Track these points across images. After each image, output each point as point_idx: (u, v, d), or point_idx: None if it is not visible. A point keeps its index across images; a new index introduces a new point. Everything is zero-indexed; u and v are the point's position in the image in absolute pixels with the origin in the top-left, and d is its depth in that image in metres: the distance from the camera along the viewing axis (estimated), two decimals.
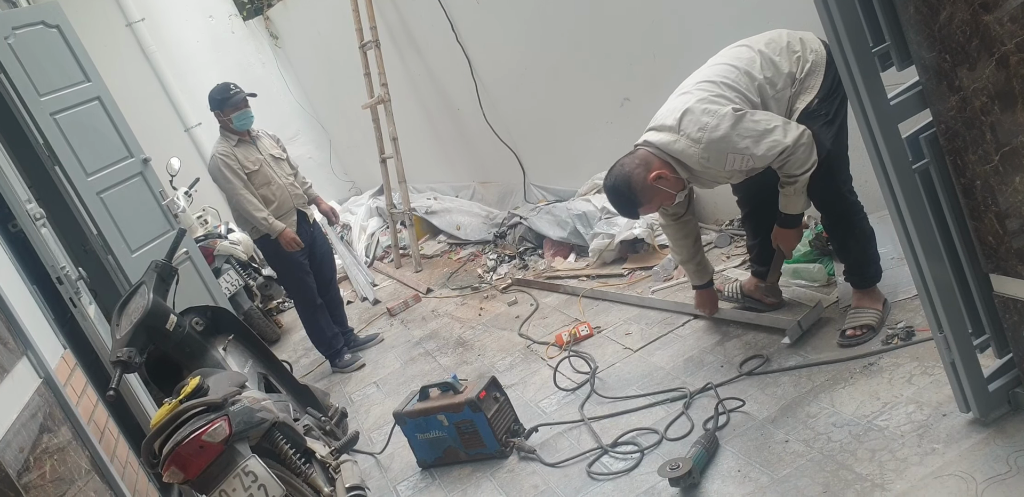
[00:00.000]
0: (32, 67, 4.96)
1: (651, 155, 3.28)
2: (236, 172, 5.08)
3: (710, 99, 3.17)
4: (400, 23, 7.08)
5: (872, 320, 3.37)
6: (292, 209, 5.27)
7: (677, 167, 3.29)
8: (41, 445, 2.77)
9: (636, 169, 3.27)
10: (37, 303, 3.66)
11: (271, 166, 5.22)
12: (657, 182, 3.25)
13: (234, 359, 3.75)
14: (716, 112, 3.13)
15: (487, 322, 5.30)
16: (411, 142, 7.52)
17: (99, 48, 6.73)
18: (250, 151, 5.17)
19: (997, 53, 2.00)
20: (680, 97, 3.29)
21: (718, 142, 3.13)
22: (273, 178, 5.20)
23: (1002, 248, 2.31)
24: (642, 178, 3.26)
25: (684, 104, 3.20)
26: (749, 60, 3.25)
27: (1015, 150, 2.10)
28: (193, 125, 8.93)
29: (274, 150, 5.33)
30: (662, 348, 3.99)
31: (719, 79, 3.23)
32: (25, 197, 4.32)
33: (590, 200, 5.66)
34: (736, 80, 3.21)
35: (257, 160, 5.16)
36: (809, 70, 3.22)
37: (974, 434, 2.59)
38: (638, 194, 3.29)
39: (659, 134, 3.27)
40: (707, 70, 3.33)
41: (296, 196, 5.30)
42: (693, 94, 3.23)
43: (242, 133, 5.18)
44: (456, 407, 3.58)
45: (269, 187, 5.18)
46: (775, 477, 2.79)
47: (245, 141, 5.20)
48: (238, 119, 5.10)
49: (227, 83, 5.18)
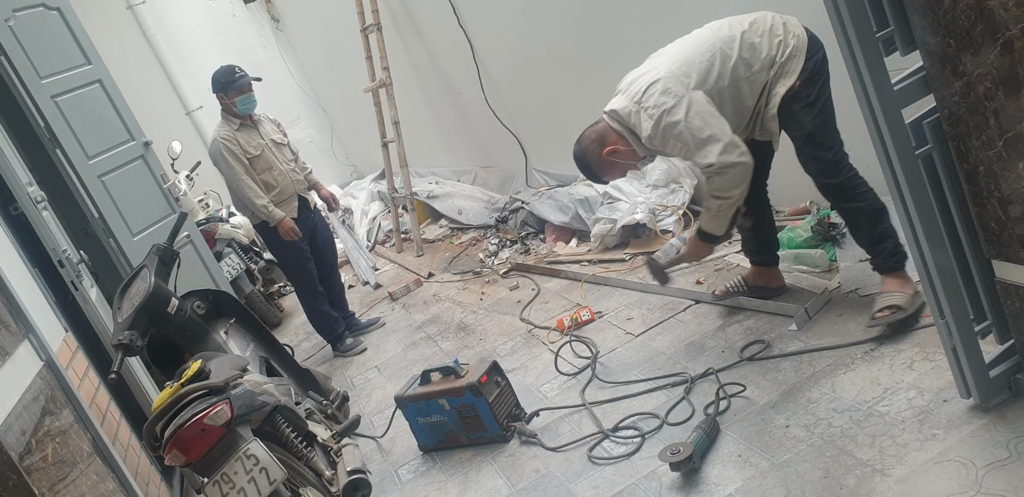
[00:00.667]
0: (33, 50, 4.93)
1: (608, 128, 3.46)
2: (238, 157, 5.02)
3: (677, 77, 3.23)
4: (402, 6, 7.04)
5: (900, 300, 3.23)
6: (293, 195, 5.23)
7: (631, 139, 3.41)
8: (43, 428, 2.78)
9: (592, 145, 3.51)
10: (39, 286, 3.66)
11: (272, 151, 5.16)
12: (612, 156, 3.45)
13: (236, 343, 3.76)
14: (676, 94, 3.20)
15: (488, 306, 5.30)
16: (413, 126, 7.50)
17: (100, 31, 6.69)
18: (252, 135, 5.11)
19: (1002, 38, 1.99)
20: (652, 65, 3.36)
21: (668, 126, 3.23)
22: (275, 163, 5.15)
23: (1004, 234, 2.31)
24: (597, 153, 3.50)
25: (652, 76, 3.28)
26: (729, 38, 3.27)
27: (1018, 136, 2.09)
28: (194, 108, 8.89)
29: (275, 135, 5.27)
30: (663, 333, 4.00)
31: (693, 55, 3.27)
32: (26, 180, 4.31)
33: (591, 185, 5.64)
34: (710, 59, 3.25)
35: (259, 145, 5.10)
36: (790, 54, 3.23)
37: (975, 420, 2.60)
38: (595, 167, 3.58)
39: (622, 101, 3.39)
40: (684, 43, 3.38)
41: (297, 182, 5.26)
42: (663, 67, 3.28)
43: (244, 117, 5.12)
44: (457, 391, 3.59)
45: (271, 172, 5.13)
46: (776, 462, 2.80)
47: (247, 125, 5.14)
48: (242, 103, 5.04)
49: (232, 66, 5.11)
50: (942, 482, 2.42)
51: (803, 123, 3.24)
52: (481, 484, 3.42)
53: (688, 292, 4.24)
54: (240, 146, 5.04)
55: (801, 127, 3.25)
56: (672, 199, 5.18)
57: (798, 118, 3.24)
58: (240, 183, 5.05)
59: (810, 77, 3.22)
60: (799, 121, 3.24)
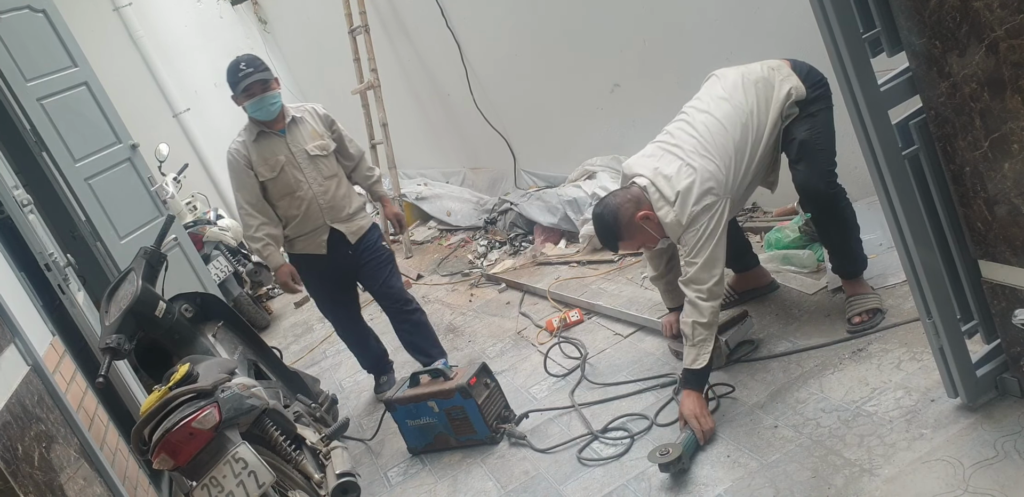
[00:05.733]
0: (18, 52, 4.91)
1: (644, 196, 3.23)
2: (241, 178, 4.02)
3: (706, 183, 3.12)
4: (390, 8, 7.03)
5: (876, 303, 3.37)
6: (323, 226, 4.12)
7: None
8: (30, 433, 2.77)
9: (626, 204, 3.23)
10: (25, 290, 3.64)
11: (300, 169, 4.03)
12: (643, 222, 3.21)
13: (224, 346, 3.75)
14: (709, 206, 3.11)
15: (477, 308, 5.30)
16: (401, 128, 7.49)
17: (86, 33, 6.66)
18: (274, 149, 4.01)
19: (987, 39, 2.00)
20: (682, 164, 3.19)
21: (693, 234, 3.13)
22: (299, 185, 4.03)
23: (991, 234, 2.32)
24: (630, 214, 3.21)
25: (687, 176, 3.14)
26: (744, 127, 3.23)
27: (1004, 137, 2.10)
28: (181, 111, 8.86)
29: (315, 143, 4.08)
30: (652, 334, 4.00)
31: (717, 150, 3.19)
32: (12, 183, 4.28)
33: (580, 186, 5.64)
34: (729, 151, 3.19)
35: (277, 163, 4.00)
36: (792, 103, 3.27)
37: (962, 419, 2.61)
38: (622, 228, 3.25)
39: (657, 195, 3.20)
40: (708, 128, 3.26)
41: (332, 209, 4.11)
42: (695, 165, 3.15)
43: (268, 122, 4.05)
44: (446, 393, 3.59)
45: (292, 198, 4.05)
46: (764, 462, 2.81)
47: (270, 134, 4.03)
48: (252, 108, 3.98)
49: (236, 61, 3.99)
50: (930, 481, 2.43)
51: (796, 132, 3.26)
52: (470, 486, 3.42)
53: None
54: (250, 163, 4.00)
55: (799, 138, 3.25)
56: None
57: (792, 129, 3.28)
58: (239, 210, 4.12)
59: (810, 101, 3.27)
60: (792, 131, 3.27)
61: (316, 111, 4.21)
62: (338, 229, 4.13)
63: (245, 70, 3.92)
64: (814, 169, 3.26)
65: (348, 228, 4.16)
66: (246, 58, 3.99)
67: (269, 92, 3.97)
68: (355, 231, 4.18)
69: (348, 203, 4.17)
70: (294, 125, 4.07)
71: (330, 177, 4.11)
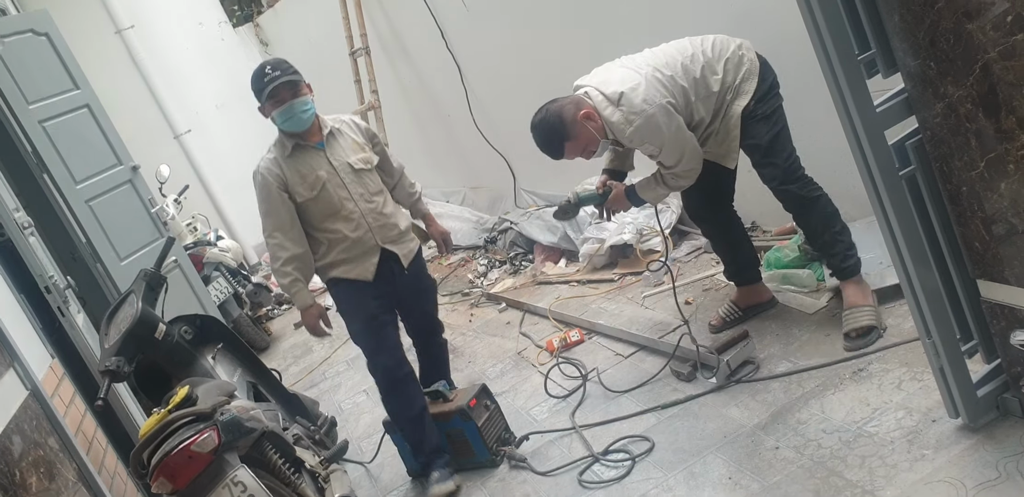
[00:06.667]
0: (21, 75, 4.95)
1: (584, 99, 3.39)
2: (273, 202, 3.47)
3: (656, 86, 3.29)
4: (390, 30, 7.07)
5: (870, 320, 3.38)
6: (374, 248, 3.56)
7: (602, 121, 3.40)
8: (28, 458, 2.76)
9: (567, 105, 3.38)
10: (25, 312, 3.64)
11: (345, 185, 3.51)
12: (585, 121, 3.35)
13: (223, 368, 3.74)
14: (656, 103, 3.25)
15: (477, 328, 5.29)
16: (401, 148, 7.50)
17: (88, 55, 6.70)
18: (312, 164, 3.49)
19: (981, 61, 2.01)
20: (628, 71, 3.38)
21: (646, 129, 3.27)
22: (344, 204, 3.50)
23: (989, 254, 2.32)
24: (572, 113, 3.35)
25: (632, 80, 3.30)
26: (692, 57, 3.38)
27: (1000, 157, 2.11)
28: (183, 132, 8.91)
29: (356, 155, 3.58)
30: (653, 354, 3.99)
31: (665, 68, 3.35)
32: (13, 205, 4.29)
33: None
34: (677, 74, 3.34)
35: (318, 180, 3.46)
36: (744, 77, 3.38)
37: (963, 440, 2.59)
38: (567, 126, 3.36)
39: (598, 96, 3.37)
40: (657, 53, 3.46)
41: (383, 228, 3.57)
42: (642, 73, 3.32)
43: (302, 134, 3.51)
44: (446, 416, 3.57)
45: (337, 219, 3.51)
46: (766, 484, 2.79)
47: (307, 147, 3.51)
48: (283, 118, 3.44)
49: (262, 65, 3.48)
50: None
51: (759, 135, 3.38)
52: None
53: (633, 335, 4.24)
54: (285, 183, 3.47)
55: (757, 138, 3.39)
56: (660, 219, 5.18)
57: (753, 131, 3.39)
58: (267, 238, 3.53)
59: (763, 96, 3.39)
60: (754, 133, 3.39)
61: (355, 122, 3.73)
62: (391, 250, 3.60)
63: (271, 74, 3.40)
64: (778, 169, 3.39)
65: (401, 249, 3.63)
66: (272, 61, 3.49)
67: (300, 97, 3.43)
68: (407, 253, 3.67)
69: (398, 221, 3.66)
70: (333, 137, 3.56)
71: (378, 193, 3.61)
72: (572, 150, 3.48)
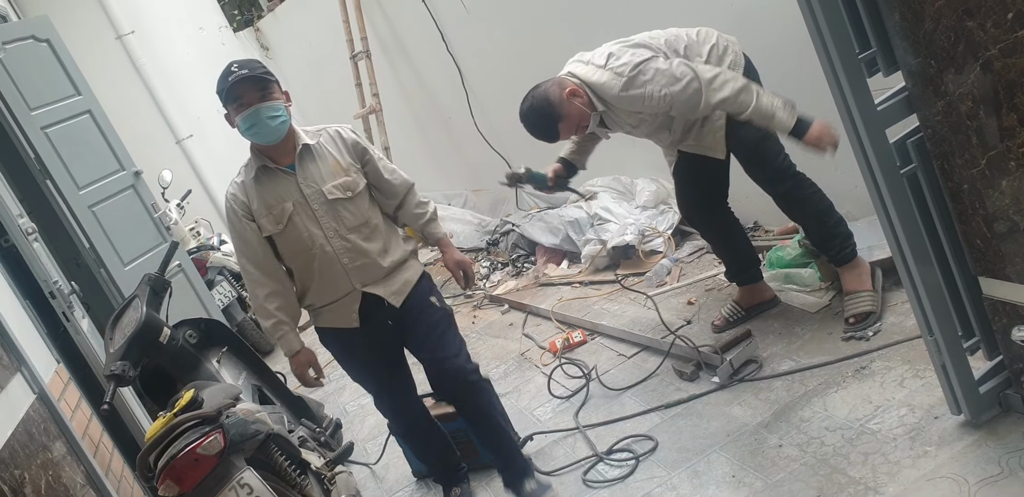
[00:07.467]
0: (22, 81, 4.96)
1: (567, 79, 3.44)
2: (243, 234, 3.03)
3: (640, 47, 3.34)
4: (391, 33, 7.09)
5: (868, 305, 3.42)
6: (352, 293, 3.07)
7: (589, 92, 3.40)
8: (36, 461, 2.77)
9: (551, 87, 3.42)
10: (30, 318, 3.66)
11: (316, 218, 2.98)
12: (571, 98, 3.37)
13: (228, 371, 3.75)
14: (643, 55, 3.29)
15: (480, 330, 5.30)
16: (403, 151, 7.52)
17: (89, 61, 6.72)
18: (279, 192, 2.98)
19: (981, 58, 2.02)
20: (610, 44, 3.45)
21: (639, 76, 3.25)
22: (315, 241, 2.99)
23: (990, 251, 2.33)
24: (557, 93, 3.38)
25: (617, 44, 3.39)
26: (676, 37, 3.42)
27: (1001, 154, 2.12)
28: (184, 137, 8.91)
29: (334, 181, 3.02)
30: (656, 354, 3.99)
31: (649, 40, 3.40)
32: (17, 212, 4.31)
33: (582, 207, 5.67)
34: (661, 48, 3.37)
35: (283, 212, 2.97)
36: (729, 66, 3.37)
37: (966, 436, 2.60)
38: (556, 107, 3.38)
39: (584, 67, 3.42)
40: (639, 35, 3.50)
41: (361, 269, 3.04)
42: (625, 43, 3.40)
43: (272, 154, 2.99)
44: (450, 417, 3.58)
45: (306, 257, 3.02)
46: (769, 482, 2.80)
47: (274, 171, 2.99)
48: (247, 125, 2.90)
49: (229, 64, 2.98)
50: None
51: (748, 136, 3.38)
52: None
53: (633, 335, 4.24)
54: (250, 212, 3.00)
55: (746, 139, 3.39)
56: (661, 220, 5.20)
57: (743, 132, 3.38)
58: (243, 274, 3.11)
59: None
60: (744, 134, 3.38)
61: (340, 136, 3.17)
62: (373, 293, 3.09)
63: (237, 72, 2.87)
64: (767, 167, 3.43)
65: (387, 290, 3.09)
66: (241, 60, 2.99)
67: (269, 101, 2.89)
68: (397, 291, 3.11)
69: (385, 257, 3.08)
70: (308, 156, 3.02)
71: (357, 227, 3.04)
72: (566, 130, 3.50)
